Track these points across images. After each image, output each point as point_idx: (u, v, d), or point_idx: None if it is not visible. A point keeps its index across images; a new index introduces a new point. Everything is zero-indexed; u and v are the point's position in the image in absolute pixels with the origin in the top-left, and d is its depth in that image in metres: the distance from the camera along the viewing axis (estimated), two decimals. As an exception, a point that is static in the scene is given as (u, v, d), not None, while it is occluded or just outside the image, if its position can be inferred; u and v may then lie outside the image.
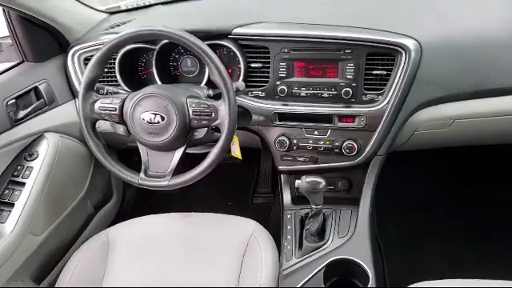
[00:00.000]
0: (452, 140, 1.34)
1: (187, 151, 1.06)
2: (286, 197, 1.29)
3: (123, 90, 1.23)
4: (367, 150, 1.14)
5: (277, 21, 1.16)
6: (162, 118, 0.98)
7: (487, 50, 1.08)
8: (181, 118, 0.98)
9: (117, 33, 1.02)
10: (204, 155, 1.02)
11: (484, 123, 1.18)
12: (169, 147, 1.03)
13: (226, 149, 1.01)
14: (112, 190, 1.65)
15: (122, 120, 1.03)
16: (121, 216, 1.60)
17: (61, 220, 1.26)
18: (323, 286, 1.02)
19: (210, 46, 1.00)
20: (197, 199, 1.75)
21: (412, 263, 1.53)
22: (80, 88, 1.03)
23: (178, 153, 1.04)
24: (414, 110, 1.12)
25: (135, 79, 1.30)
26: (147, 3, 1.49)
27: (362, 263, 1.02)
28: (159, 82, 1.22)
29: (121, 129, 1.06)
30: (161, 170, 1.05)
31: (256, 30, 1.14)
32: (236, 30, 1.14)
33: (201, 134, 1.04)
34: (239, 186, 1.97)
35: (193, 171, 1.02)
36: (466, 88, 1.08)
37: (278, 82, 1.16)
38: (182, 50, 1.26)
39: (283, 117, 1.18)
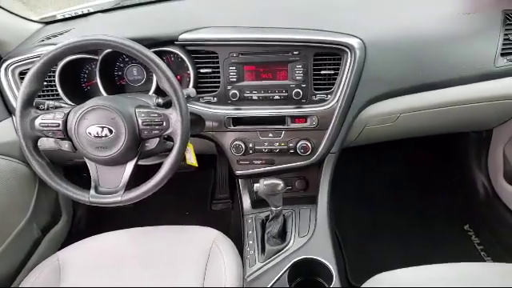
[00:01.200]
0: (399, 133, 1.41)
1: (139, 163, 1.02)
2: (245, 201, 1.29)
3: (66, 103, 1.16)
4: (320, 148, 1.16)
5: (224, 25, 1.15)
6: (110, 131, 0.94)
7: (426, 46, 1.15)
8: (130, 130, 0.94)
9: (54, 44, 0.96)
10: (158, 166, 0.99)
11: (426, 115, 1.25)
12: (119, 161, 0.98)
13: (181, 158, 0.99)
14: (60, 210, 1.55)
15: (66, 136, 0.97)
16: (72, 237, 1.51)
17: (3, 249, 1.16)
18: (288, 287, 1.02)
19: (156, 53, 0.97)
20: (153, 212, 1.70)
21: (370, 255, 1.57)
22: (17, 104, 0.95)
23: (130, 166, 1.00)
24: (363, 107, 1.16)
25: (78, 92, 1.23)
26: (86, 11, 1.41)
27: (325, 261, 1.03)
28: (104, 94, 1.17)
29: (66, 145, 1.00)
30: (112, 185, 1.00)
31: (203, 35, 1.12)
32: (182, 36, 1.11)
33: (153, 144, 1.00)
34: (196, 193, 1.94)
35: (147, 184, 0.98)
36: (409, 83, 1.15)
37: (229, 87, 1.15)
38: (127, 59, 1.22)
39: (237, 121, 1.17)
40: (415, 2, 1.23)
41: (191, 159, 1.17)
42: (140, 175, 1.05)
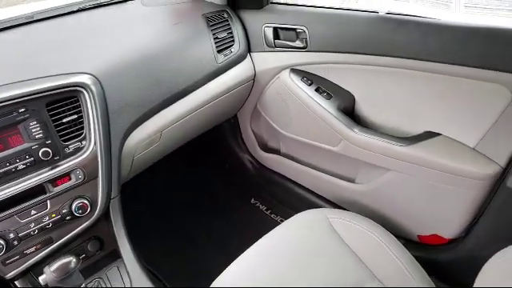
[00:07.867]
0: (167, 149, 1.42)
1: None
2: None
3: None
4: (99, 199, 1.04)
5: None
6: None
7: (156, 63, 1.18)
8: None
9: None
10: None
11: (184, 124, 1.31)
12: None
13: None
14: None
15: None
16: None
17: None
18: None
19: None
20: None
21: (192, 268, 1.57)
22: None
23: None
24: (124, 139, 1.09)
25: None
26: None
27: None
28: None
29: None
30: None
31: None
32: None
33: None
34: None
35: None
36: (157, 100, 1.16)
37: None
38: None
39: None
40: (132, 25, 1.23)
41: None
42: None
